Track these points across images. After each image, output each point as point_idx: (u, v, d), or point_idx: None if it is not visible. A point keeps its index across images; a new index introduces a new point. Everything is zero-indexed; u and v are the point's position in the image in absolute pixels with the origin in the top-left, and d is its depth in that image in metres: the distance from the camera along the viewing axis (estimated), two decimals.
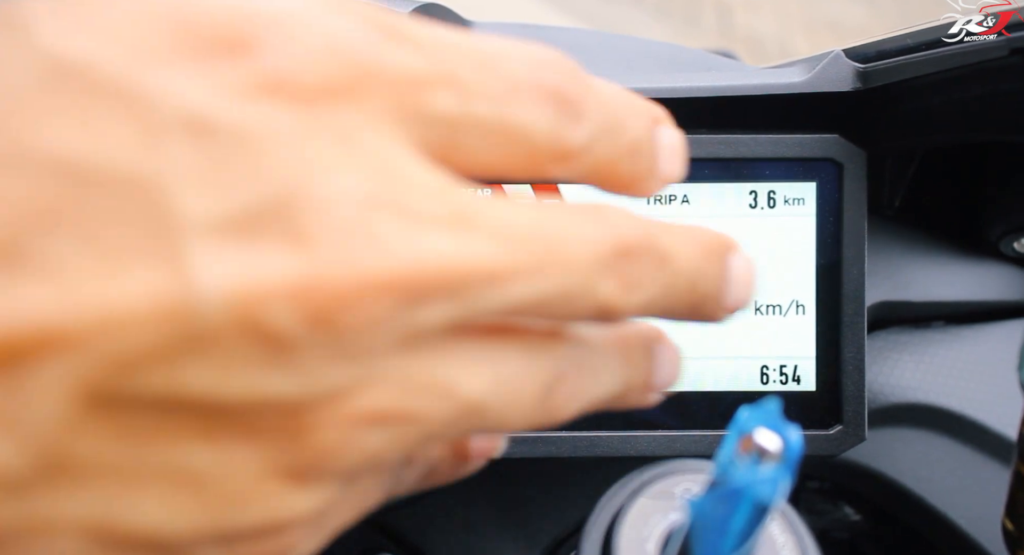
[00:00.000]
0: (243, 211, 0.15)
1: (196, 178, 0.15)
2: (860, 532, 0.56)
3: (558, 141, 0.19)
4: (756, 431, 0.22)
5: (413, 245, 0.16)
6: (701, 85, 0.42)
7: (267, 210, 0.15)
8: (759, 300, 0.43)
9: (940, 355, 0.48)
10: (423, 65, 0.17)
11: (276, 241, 0.15)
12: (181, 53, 0.16)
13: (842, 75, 0.41)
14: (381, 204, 0.16)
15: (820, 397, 0.43)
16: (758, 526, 0.22)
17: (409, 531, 0.49)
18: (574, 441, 0.43)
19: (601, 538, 0.27)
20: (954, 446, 0.47)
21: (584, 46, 0.49)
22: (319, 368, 0.16)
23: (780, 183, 0.43)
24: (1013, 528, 0.32)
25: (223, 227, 0.15)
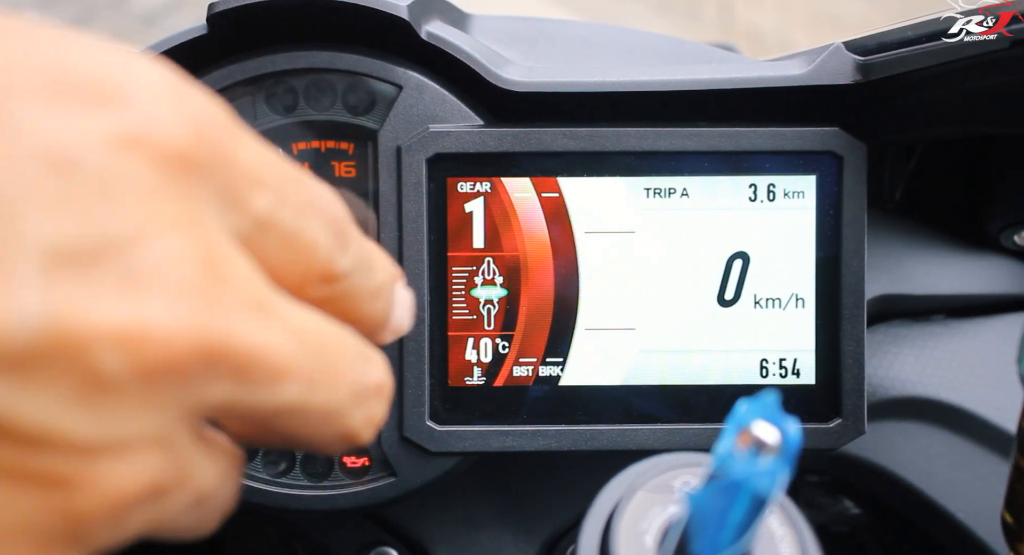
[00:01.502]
0: (86, 245, 0.16)
1: (47, 206, 0.16)
2: (859, 525, 0.56)
3: (329, 262, 0.22)
4: (754, 424, 0.22)
5: (231, 319, 0.18)
6: (701, 78, 0.42)
7: (110, 250, 0.17)
8: (759, 293, 0.43)
9: (940, 348, 0.48)
10: (256, 165, 0.20)
11: (112, 283, 0.17)
12: (56, 96, 0.17)
13: (842, 68, 0.41)
14: (210, 274, 0.18)
15: (819, 390, 0.43)
16: (756, 519, 0.22)
17: (408, 525, 0.49)
18: (573, 435, 0.43)
19: (600, 531, 0.27)
20: (953, 439, 0.47)
21: (584, 39, 0.49)
22: (124, 417, 0.17)
23: (780, 176, 0.43)
24: (1012, 521, 0.32)
25: (63, 256, 0.16)
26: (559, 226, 0.43)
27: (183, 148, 0.18)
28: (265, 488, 0.43)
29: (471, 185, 0.43)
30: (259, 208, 0.20)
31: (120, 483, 0.17)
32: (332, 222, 0.22)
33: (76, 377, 0.16)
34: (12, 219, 0.16)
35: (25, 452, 0.16)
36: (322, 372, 0.20)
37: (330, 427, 0.21)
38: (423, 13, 0.42)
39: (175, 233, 0.18)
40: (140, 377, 0.17)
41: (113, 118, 0.17)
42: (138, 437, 0.18)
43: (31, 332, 0.16)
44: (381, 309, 0.25)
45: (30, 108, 0.16)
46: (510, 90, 0.42)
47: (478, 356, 0.43)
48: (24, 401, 0.16)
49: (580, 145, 0.42)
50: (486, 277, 0.43)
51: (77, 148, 0.17)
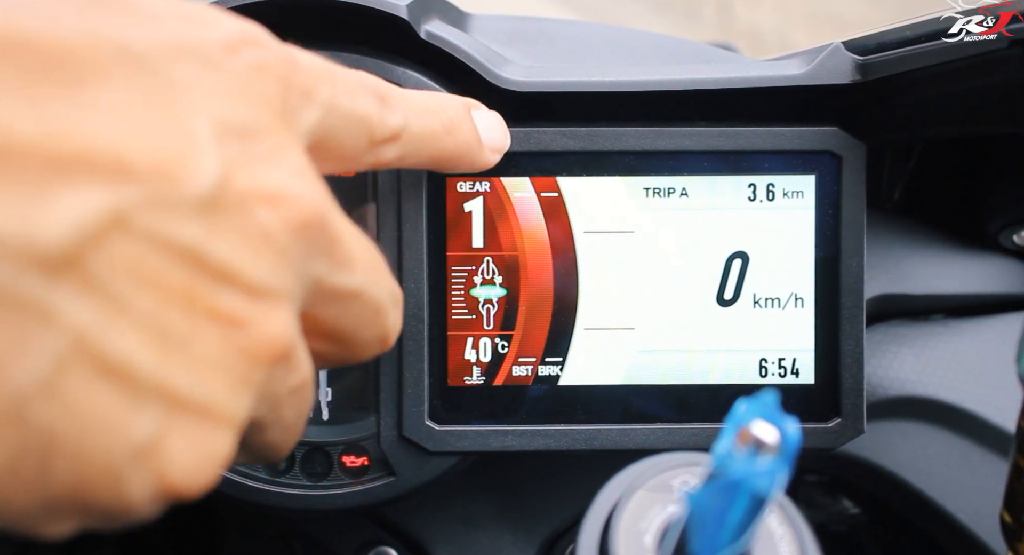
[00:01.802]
0: (240, 123, 0.21)
1: (214, 91, 0.20)
2: (859, 525, 0.56)
3: (384, 123, 0.27)
4: (753, 423, 0.22)
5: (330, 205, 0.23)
6: (700, 77, 0.42)
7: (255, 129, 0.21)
8: (758, 293, 0.43)
9: (939, 348, 0.48)
10: (310, 65, 0.25)
11: (259, 155, 0.21)
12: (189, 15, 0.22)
13: (841, 67, 0.41)
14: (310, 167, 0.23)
15: (819, 390, 0.43)
16: (755, 518, 0.22)
17: (408, 524, 0.49)
18: (572, 434, 0.43)
19: (599, 530, 0.27)
20: (953, 439, 0.47)
21: (583, 38, 0.49)
22: (279, 268, 0.21)
23: (779, 176, 0.43)
24: (1011, 520, 0.32)
25: (227, 129, 0.20)
26: (558, 225, 0.43)
27: (273, 57, 0.23)
28: (264, 488, 0.43)
29: (470, 184, 0.43)
30: (324, 96, 0.25)
31: (278, 330, 0.21)
32: (372, 90, 0.27)
33: (247, 226, 0.20)
34: (187, 95, 0.20)
35: (216, 288, 0.20)
36: (376, 270, 0.25)
37: (376, 322, 0.26)
38: (422, 12, 0.42)
39: (286, 132, 0.22)
40: (286, 232, 0.21)
41: (220, 31, 0.22)
42: (286, 292, 0.21)
43: (213, 184, 0.19)
44: (466, 139, 0.31)
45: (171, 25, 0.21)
46: (509, 89, 0.42)
47: (477, 355, 0.43)
48: (212, 240, 0.19)
49: (579, 145, 0.42)
50: (485, 276, 0.43)
51: (209, 49, 0.21)
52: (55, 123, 0.17)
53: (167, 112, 0.19)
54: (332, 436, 0.44)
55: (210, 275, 0.19)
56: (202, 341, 0.19)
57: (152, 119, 0.19)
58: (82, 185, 0.17)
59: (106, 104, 0.18)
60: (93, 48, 0.18)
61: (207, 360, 0.19)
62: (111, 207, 0.17)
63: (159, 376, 0.19)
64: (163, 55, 0.20)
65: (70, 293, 0.17)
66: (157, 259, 0.18)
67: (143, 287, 0.18)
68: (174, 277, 0.19)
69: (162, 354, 0.19)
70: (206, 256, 0.19)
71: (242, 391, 0.20)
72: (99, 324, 0.18)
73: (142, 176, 0.18)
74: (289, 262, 0.21)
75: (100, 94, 0.18)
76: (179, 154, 0.19)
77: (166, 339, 0.19)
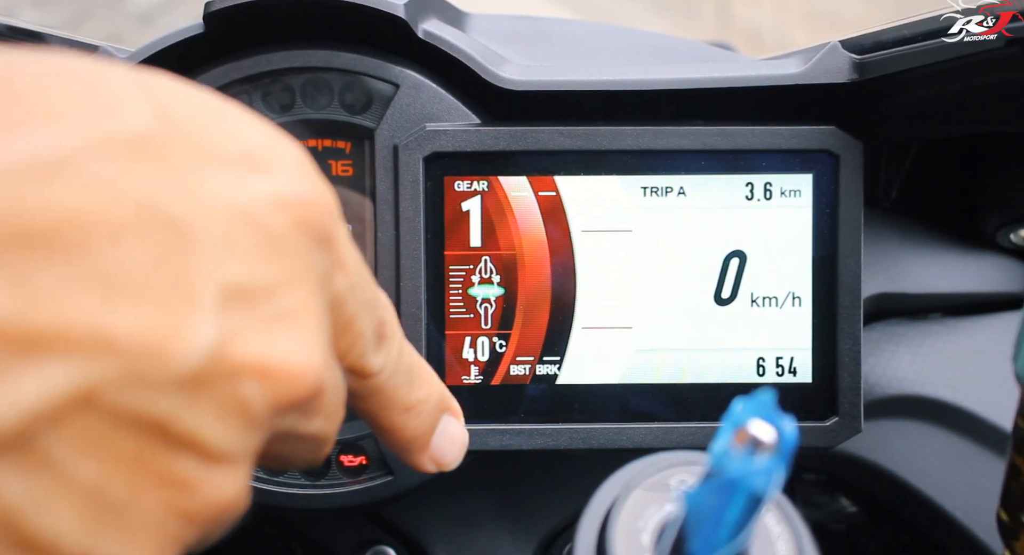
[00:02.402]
0: (250, 286, 0.19)
1: (226, 250, 0.19)
2: (856, 524, 0.56)
3: (363, 355, 0.25)
4: (751, 422, 0.22)
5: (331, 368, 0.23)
6: (698, 76, 0.42)
7: (265, 293, 0.20)
8: (755, 292, 0.43)
9: (936, 347, 0.48)
10: (344, 251, 0.23)
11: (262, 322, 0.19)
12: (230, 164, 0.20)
13: (839, 66, 0.41)
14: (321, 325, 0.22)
15: (816, 389, 0.43)
16: (753, 517, 0.22)
17: (406, 523, 0.49)
18: (570, 433, 0.43)
19: (596, 529, 0.27)
20: (950, 437, 0.47)
21: (581, 38, 0.49)
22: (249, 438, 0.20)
23: (776, 175, 0.43)
24: (1008, 519, 0.32)
25: (234, 293, 0.19)
26: (556, 225, 0.43)
27: (317, 216, 0.21)
28: (262, 487, 0.43)
29: (468, 184, 0.43)
30: (339, 287, 0.23)
31: (226, 491, 0.20)
32: (379, 322, 0.25)
33: (227, 399, 0.19)
34: (203, 256, 0.18)
35: (171, 455, 0.18)
36: (337, 410, 0.24)
37: (317, 452, 0.25)
38: (420, 12, 0.42)
39: (304, 287, 0.21)
40: (268, 407, 0.20)
41: (273, 183, 0.20)
42: (246, 454, 0.20)
43: (202, 358, 0.18)
44: (415, 427, 0.28)
45: (216, 172, 0.19)
46: (507, 89, 0.42)
47: (475, 355, 0.43)
48: (183, 412, 0.18)
49: (577, 144, 0.42)
50: (483, 276, 0.43)
51: (250, 204, 0.20)
52: (34, 299, 0.16)
53: (172, 277, 0.18)
54: None
55: (169, 443, 0.18)
56: (140, 507, 0.18)
57: (152, 287, 0.18)
58: (50, 364, 0.16)
59: (102, 273, 0.17)
60: (107, 210, 0.17)
61: (141, 525, 0.18)
62: (78, 385, 0.17)
63: (85, 548, 0.18)
64: (196, 216, 0.18)
65: (8, 472, 0.16)
66: (117, 431, 0.17)
67: (92, 458, 0.17)
68: (129, 446, 0.18)
69: (93, 525, 0.18)
70: (171, 426, 0.18)
71: (169, 551, 0.19)
72: (32, 502, 0.17)
73: (123, 353, 0.17)
74: (261, 428, 0.20)
75: (98, 262, 0.17)
76: (172, 327, 0.18)
77: (102, 509, 0.18)
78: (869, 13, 2.66)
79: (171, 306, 0.18)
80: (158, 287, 0.18)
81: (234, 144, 0.20)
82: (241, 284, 0.19)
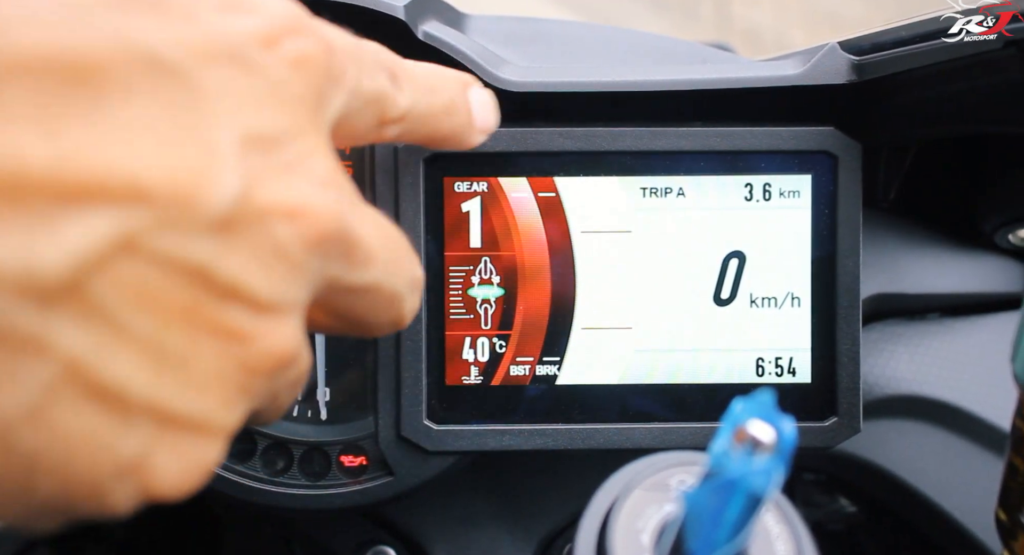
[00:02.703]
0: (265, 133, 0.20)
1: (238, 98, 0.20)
2: (855, 524, 0.57)
3: (395, 104, 0.27)
4: (750, 422, 0.22)
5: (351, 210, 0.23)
6: (697, 78, 0.42)
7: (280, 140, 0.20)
8: (755, 292, 0.43)
9: (935, 347, 0.48)
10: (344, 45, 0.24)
11: (281, 167, 0.20)
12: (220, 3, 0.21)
13: (837, 67, 0.41)
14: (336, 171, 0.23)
15: (815, 389, 0.43)
16: (752, 517, 0.22)
17: (406, 524, 0.49)
18: (570, 433, 0.43)
19: (596, 530, 0.27)
20: (948, 437, 0.47)
21: (580, 39, 0.49)
22: (290, 282, 0.20)
23: (775, 176, 0.43)
24: (1006, 518, 0.32)
25: (252, 140, 0.19)
26: (556, 225, 0.43)
27: (308, 60, 0.22)
28: (263, 487, 0.43)
29: (468, 185, 0.43)
30: (350, 80, 0.24)
31: (282, 342, 0.20)
32: (386, 69, 0.27)
33: (262, 243, 0.20)
34: (214, 104, 0.19)
35: (221, 304, 0.19)
36: (395, 262, 0.25)
37: (390, 309, 0.26)
38: (419, 13, 0.42)
39: (315, 132, 0.22)
40: (303, 247, 0.20)
41: (260, 20, 0.21)
42: (295, 304, 0.21)
43: (231, 202, 0.19)
44: (459, 120, 0.30)
45: (207, 18, 0.20)
46: (507, 90, 0.42)
47: (475, 355, 0.43)
48: (223, 258, 0.19)
49: (577, 145, 0.42)
50: (483, 277, 0.43)
51: (240, 46, 0.20)
52: (68, 149, 0.16)
53: (190, 127, 0.18)
54: (330, 436, 0.44)
55: (216, 292, 0.19)
56: (200, 358, 0.19)
57: (173, 136, 0.18)
58: (90, 212, 0.17)
59: (124, 122, 0.17)
60: (117, 58, 0.18)
61: (204, 376, 0.19)
62: (119, 232, 0.17)
63: (151, 396, 0.18)
64: (194, 60, 0.19)
65: (66, 322, 0.17)
66: (163, 280, 0.18)
67: (145, 308, 0.18)
68: (178, 296, 0.18)
69: (157, 374, 0.18)
70: (215, 273, 0.19)
71: (237, 403, 0.20)
72: (94, 350, 0.17)
73: (156, 199, 0.17)
74: (302, 274, 0.21)
75: (119, 111, 0.17)
76: (198, 173, 0.18)
77: (163, 359, 0.18)
78: (868, 14, 2.66)
79: (193, 153, 0.18)
80: (177, 137, 0.18)
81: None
82: (256, 130, 0.20)
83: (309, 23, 0.23)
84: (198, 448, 0.19)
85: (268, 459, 0.44)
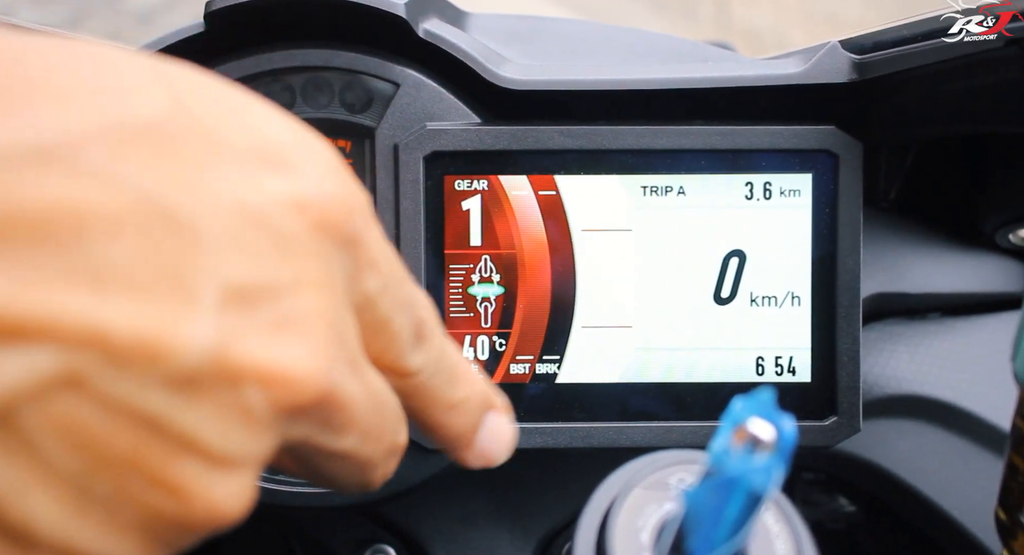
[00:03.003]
0: (255, 287, 0.18)
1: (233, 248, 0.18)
2: (855, 523, 0.57)
3: (402, 354, 0.24)
4: (750, 421, 0.22)
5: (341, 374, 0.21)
6: (697, 76, 0.42)
7: (270, 295, 0.19)
8: (755, 291, 0.43)
9: (935, 347, 0.48)
10: (377, 251, 0.22)
11: (266, 325, 0.19)
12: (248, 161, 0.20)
13: (838, 66, 0.41)
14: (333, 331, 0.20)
15: (815, 388, 0.43)
16: (752, 515, 0.22)
17: (405, 522, 0.49)
18: (570, 432, 0.43)
19: (596, 528, 0.27)
20: (948, 437, 0.47)
21: (581, 37, 0.49)
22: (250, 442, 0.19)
23: (776, 174, 0.43)
24: (1006, 518, 0.32)
25: (236, 293, 0.18)
26: (556, 224, 0.43)
27: (339, 219, 0.20)
28: (262, 485, 0.43)
29: (468, 183, 0.43)
30: (369, 288, 0.22)
31: (228, 500, 0.19)
32: (417, 322, 0.24)
33: (227, 403, 0.18)
34: (205, 254, 0.18)
35: (166, 455, 0.18)
36: (375, 430, 0.23)
37: (360, 475, 0.24)
38: (420, 11, 0.42)
39: (317, 291, 0.20)
40: (273, 413, 0.19)
41: (291, 183, 0.20)
42: (253, 459, 0.19)
43: (202, 357, 0.17)
44: (459, 424, 0.27)
45: (228, 168, 0.19)
46: (507, 88, 0.42)
47: (475, 354, 0.43)
48: (179, 411, 0.18)
49: (577, 143, 0.42)
50: (483, 275, 0.43)
51: (262, 204, 0.19)
52: (20, 287, 0.16)
53: (172, 274, 0.17)
54: None
55: (165, 442, 0.18)
56: (129, 506, 0.18)
57: (149, 283, 0.17)
58: (34, 349, 0.16)
59: (96, 266, 0.16)
60: (105, 202, 0.16)
61: (128, 524, 0.18)
62: (63, 370, 0.16)
63: (63, 538, 0.17)
64: (201, 213, 0.18)
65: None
66: (105, 423, 0.17)
67: (77, 449, 0.17)
68: (119, 440, 0.17)
69: (75, 516, 0.17)
70: (167, 424, 0.17)
71: (157, 552, 0.19)
72: (10, 484, 0.16)
73: (114, 347, 0.16)
74: (267, 433, 0.19)
75: (93, 255, 0.16)
76: (168, 325, 0.17)
77: (86, 501, 0.17)
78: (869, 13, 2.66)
79: (169, 303, 0.17)
80: (155, 282, 0.17)
81: (252, 140, 0.20)
82: (245, 284, 0.18)
83: (350, 189, 0.21)
84: None
85: None
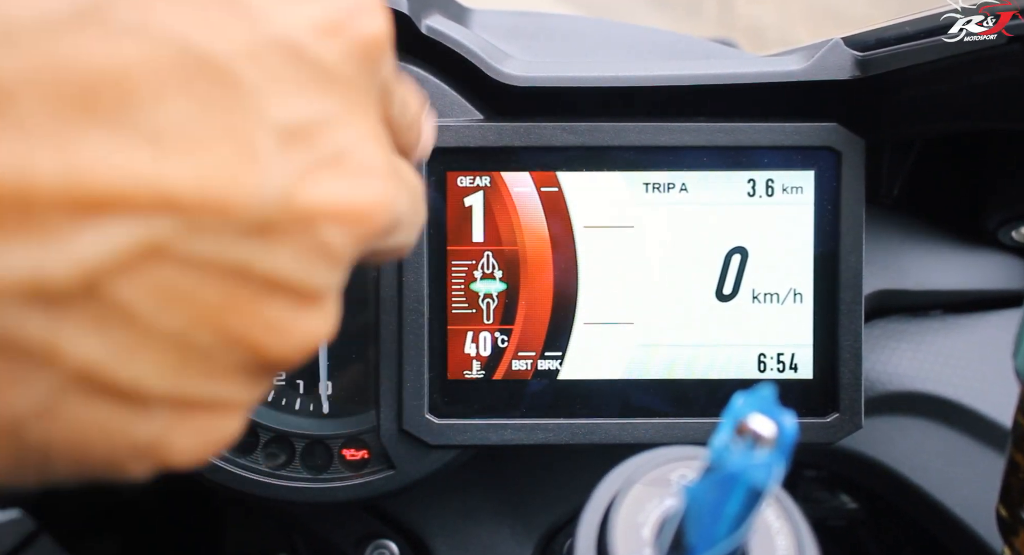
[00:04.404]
0: (308, 124, 0.19)
1: (280, 88, 0.18)
2: (856, 520, 0.57)
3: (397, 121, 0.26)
4: (751, 417, 0.22)
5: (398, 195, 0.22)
6: (700, 73, 0.42)
7: (324, 130, 0.19)
8: (757, 288, 0.43)
9: (937, 344, 0.48)
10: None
11: (326, 160, 0.19)
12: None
13: (841, 63, 0.41)
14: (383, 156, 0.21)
15: (817, 385, 0.43)
16: (752, 511, 0.22)
17: (407, 517, 0.49)
18: (572, 428, 0.43)
19: (597, 524, 0.27)
20: (950, 434, 0.47)
21: (583, 34, 0.49)
22: (336, 275, 0.20)
23: (778, 171, 0.43)
24: (1007, 515, 0.33)
25: (292, 134, 0.18)
26: (558, 220, 0.43)
27: (369, 38, 0.21)
28: (265, 481, 0.43)
29: (471, 179, 0.43)
30: (394, 99, 0.24)
31: (320, 330, 0.20)
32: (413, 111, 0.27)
33: (308, 244, 0.19)
34: (251, 98, 0.18)
35: (257, 299, 0.19)
36: (418, 215, 0.25)
37: (403, 250, 0.26)
38: (423, 7, 0.42)
39: (364, 117, 0.21)
40: (352, 245, 0.20)
41: (315, 5, 0.20)
42: (335, 289, 0.20)
43: (271, 203, 0.18)
44: (414, 136, 0.29)
45: (261, 3, 0.19)
46: (510, 84, 0.42)
47: (477, 350, 0.43)
48: (263, 257, 0.18)
49: (579, 140, 0.42)
50: (485, 271, 0.43)
51: (293, 34, 0.19)
52: (82, 161, 0.16)
53: (226, 127, 0.17)
54: (332, 429, 0.44)
55: (255, 287, 0.18)
56: (230, 351, 0.19)
57: (206, 138, 0.17)
58: (106, 222, 0.16)
59: (152, 129, 0.16)
60: (146, 61, 0.16)
61: (231, 367, 0.19)
62: (144, 240, 0.16)
63: (172, 389, 0.18)
64: (237, 56, 0.18)
65: (76, 328, 0.16)
66: (195, 280, 0.18)
67: (172, 308, 0.17)
68: (211, 294, 0.18)
69: (180, 369, 0.18)
70: (253, 271, 0.18)
71: (261, 384, 0.20)
72: (109, 354, 0.17)
73: (185, 207, 0.17)
74: (345, 263, 0.20)
75: (147, 117, 0.16)
76: (232, 177, 0.17)
77: (188, 355, 0.18)
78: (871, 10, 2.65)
79: (227, 155, 0.17)
80: (210, 137, 0.17)
81: None
82: (295, 123, 0.19)
83: (373, 4, 0.22)
84: (217, 426, 0.19)
85: (270, 452, 0.44)
